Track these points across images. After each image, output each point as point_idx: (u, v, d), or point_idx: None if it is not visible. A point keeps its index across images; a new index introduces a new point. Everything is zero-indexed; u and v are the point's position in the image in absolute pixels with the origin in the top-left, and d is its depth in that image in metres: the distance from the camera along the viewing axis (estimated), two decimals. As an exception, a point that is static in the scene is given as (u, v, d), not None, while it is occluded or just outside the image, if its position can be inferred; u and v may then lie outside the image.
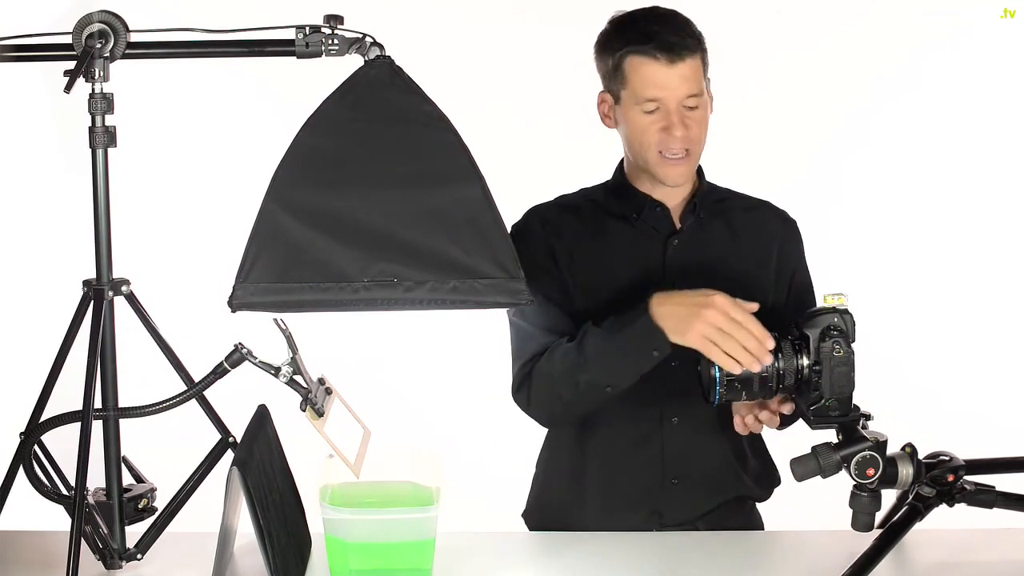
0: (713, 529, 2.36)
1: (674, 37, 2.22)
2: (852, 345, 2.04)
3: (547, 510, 2.48)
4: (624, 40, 2.26)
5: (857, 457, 2.00)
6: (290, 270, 1.89)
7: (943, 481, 2.10)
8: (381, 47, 2.01)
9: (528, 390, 2.28)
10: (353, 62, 2.01)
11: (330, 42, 2.03)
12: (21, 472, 2.07)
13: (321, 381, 2.07)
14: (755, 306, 2.07)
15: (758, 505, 2.49)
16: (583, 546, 2.24)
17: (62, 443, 2.09)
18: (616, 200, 2.39)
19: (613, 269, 2.35)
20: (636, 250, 2.35)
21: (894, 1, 3.90)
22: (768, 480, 2.44)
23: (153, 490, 2.20)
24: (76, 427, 2.01)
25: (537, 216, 2.41)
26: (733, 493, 2.39)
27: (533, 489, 2.54)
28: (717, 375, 2.06)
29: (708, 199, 2.39)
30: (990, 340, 4.02)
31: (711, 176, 2.44)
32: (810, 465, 2.02)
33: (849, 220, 3.96)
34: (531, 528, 2.51)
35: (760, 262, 2.37)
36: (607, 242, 2.37)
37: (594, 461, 2.38)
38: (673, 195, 2.37)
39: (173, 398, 2.03)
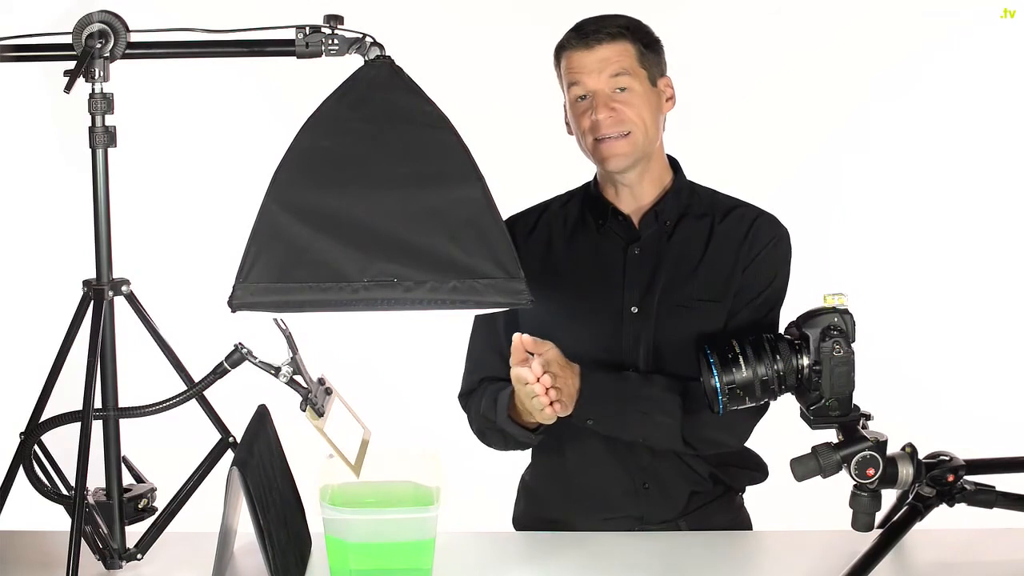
0: (697, 527, 2.36)
1: (593, 26, 2.29)
2: (852, 345, 2.04)
3: (533, 512, 2.49)
4: (560, 41, 2.35)
5: (857, 457, 2.00)
6: (290, 270, 1.89)
7: (943, 481, 2.10)
8: (381, 47, 2.01)
9: (468, 415, 2.44)
10: (353, 62, 2.01)
11: (330, 42, 2.03)
12: (21, 472, 2.07)
13: (321, 381, 2.07)
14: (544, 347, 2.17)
15: (757, 503, 2.48)
16: (583, 546, 2.25)
17: (62, 443, 2.09)
18: (589, 205, 2.41)
19: (579, 274, 2.37)
20: (601, 255, 2.37)
21: (894, 1, 3.90)
22: (747, 469, 2.43)
23: (153, 490, 2.20)
24: (76, 427, 2.01)
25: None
26: (709, 486, 2.39)
27: (517, 502, 2.55)
28: (718, 384, 2.06)
29: (678, 202, 2.37)
30: (990, 340, 4.02)
31: (710, 177, 2.44)
32: (810, 465, 2.02)
33: (849, 220, 3.96)
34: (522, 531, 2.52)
35: (722, 266, 2.33)
36: (576, 247, 2.39)
37: (567, 473, 2.40)
38: (640, 195, 2.36)
39: (173, 398, 2.03)
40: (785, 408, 2.14)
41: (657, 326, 2.31)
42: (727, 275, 2.32)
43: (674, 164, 2.42)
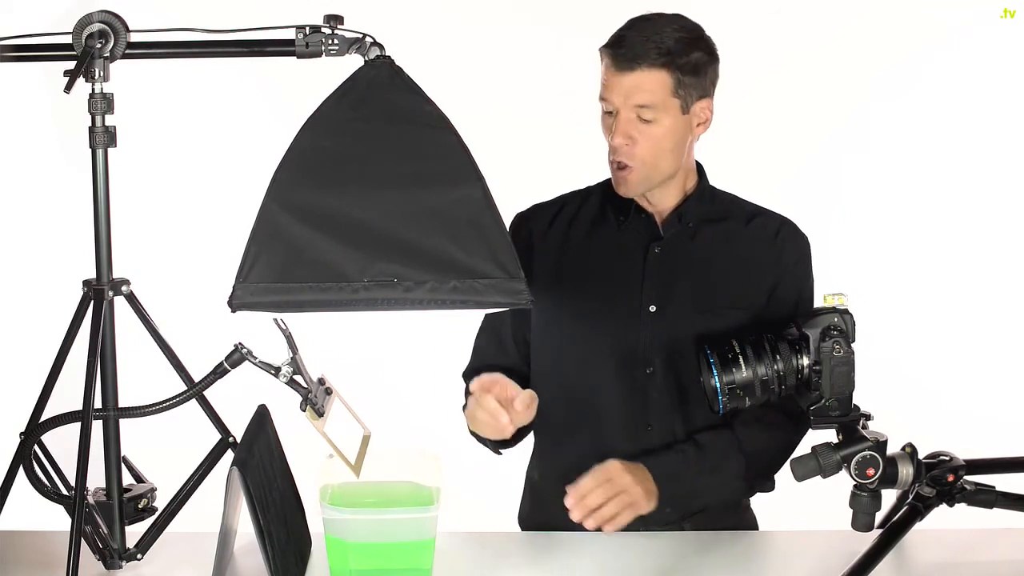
0: (702, 528, 2.35)
1: (638, 46, 2.19)
2: (852, 345, 2.04)
3: (538, 517, 2.48)
4: (607, 42, 2.26)
5: (857, 457, 2.01)
6: (290, 270, 1.89)
7: (943, 481, 2.10)
8: (381, 47, 2.01)
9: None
10: (353, 62, 2.01)
11: (330, 42, 2.03)
12: (21, 472, 2.07)
13: (321, 381, 2.07)
14: (497, 381, 2.19)
15: (758, 504, 2.48)
16: (583, 546, 2.25)
17: (62, 443, 2.09)
18: (610, 201, 2.39)
19: (596, 271, 2.35)
20: (621, 253, 2.35)
21: (894, 1, 3.90)
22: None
23: (153, 490, 2.20)
24: (76, 427, 2.01)
25: (520, 221, 2.42)
26: None
27: (523, 498, 2.55)
28: (718, 384, 2.06)
29: (701, 206, 2.36)
30: (990, 340, 4.02)
31: (710, 177, 2.44)
32: (810, 465, 2.02)
33: (849, 220, 3.96)
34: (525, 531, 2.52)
35: (749, 274, 2.32)
36: (595, 243, 2.37)
37: (578, 470, 2.38)
38: (661, 200, 2.35)
39: (173, 398, 2.03)
40: (785, 408, 2.14)
41: (677, 327, 2.29)
42: (751, 285, 2.31)
43: (699, 168, 2.40)
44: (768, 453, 2.30)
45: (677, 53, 2.20)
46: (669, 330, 2.30)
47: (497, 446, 2.37)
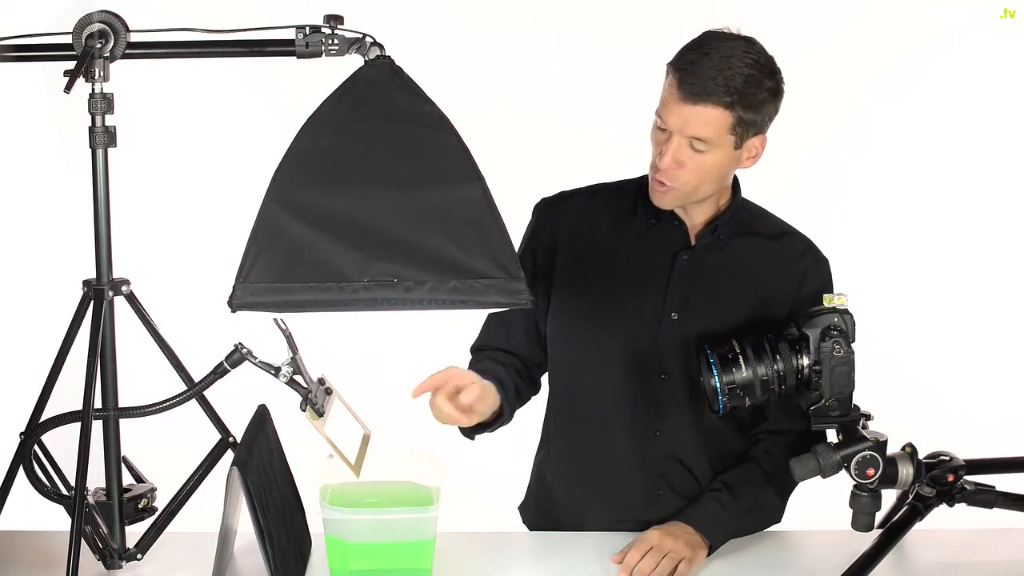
0: None
1: (708, 81, 2.13)
2: (852, 345, 2.04)
3: (542, 512, 2.49)
4: (678, 54, 2.20)
5: (857, 457, 2.01)
6: (290, 270, 1.89)
7: (943, 481, 2.10)
8: (381, 47, 2.01)
9: None
10: (353, 62, 2.01)
11: (330, 42, 2.03)
12: (21, 472, 2.07)
13: (321, 381, 2.07)
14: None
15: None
16: (583, 546, 2.25)
17: (62, 443, 2.09)
18: (642, 201, 2.34)
19: (620, 269, 2.33)
20: (647, 256, 2.33)
21: (894, 1, 3.90)
22: None
23: (153, 490, 2.20)
24: (76, 427, 2.01)
25: (545, 207, 2.41)
26: None
27: (529, 488, 2.54)
28: (718, 384, 2.06)
29: (734, 221, 2.33)
30: (990, 340, 4.02)
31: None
32: (810, 465, 2.02)
33: (849, 220, 3.96)
34: (526, 523, 2.52)
35: (770, 292, 2.30)
36: (622, 242, 2.34)
37: (585, 471, 2.38)
38: (695, 213, 2.31)
39: (173, 398, 2.03)
40: (785, 408, 2.14)
41: (698, 336, 2.26)
42: (773, 303, 2.28)
43: (734, 181, 2.36)
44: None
45: (744, 93, 2.15)
46: (690, 339, 2.27)
47: (472, 432, 2.32)
